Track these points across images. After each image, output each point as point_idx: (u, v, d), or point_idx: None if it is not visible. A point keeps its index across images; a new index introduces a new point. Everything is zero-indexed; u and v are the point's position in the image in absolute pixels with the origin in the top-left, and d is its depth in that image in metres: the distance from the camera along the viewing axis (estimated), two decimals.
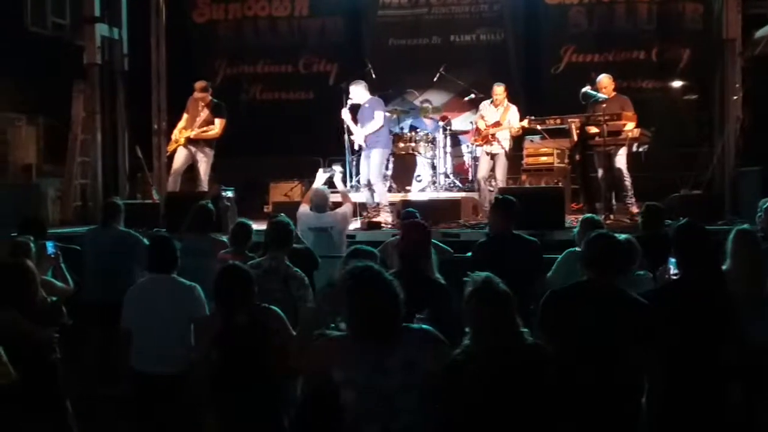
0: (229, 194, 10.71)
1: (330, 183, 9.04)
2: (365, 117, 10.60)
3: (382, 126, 10.63)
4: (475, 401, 3.71)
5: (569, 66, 13.73)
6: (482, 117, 11.42)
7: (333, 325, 4.07)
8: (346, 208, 8.41)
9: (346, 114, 10.72)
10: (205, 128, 10.92)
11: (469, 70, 13.43)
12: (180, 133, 11.01)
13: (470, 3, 14.30)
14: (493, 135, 11.19)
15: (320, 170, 9.22)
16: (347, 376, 3.70)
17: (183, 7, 14.65)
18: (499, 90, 11.33)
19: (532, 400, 3.70)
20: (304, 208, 8.22)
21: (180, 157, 11.08)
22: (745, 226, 5.48)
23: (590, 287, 4.34)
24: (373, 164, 10.63)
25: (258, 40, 14.88)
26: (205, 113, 11.00)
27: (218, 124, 10.94)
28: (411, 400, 3.67)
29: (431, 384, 3.71)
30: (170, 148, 11.27)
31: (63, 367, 5.31)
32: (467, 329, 3.83)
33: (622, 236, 5.65)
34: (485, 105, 11.53)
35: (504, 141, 11.21)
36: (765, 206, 6.55)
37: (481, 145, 11.42)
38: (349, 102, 10.64)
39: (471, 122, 12.22)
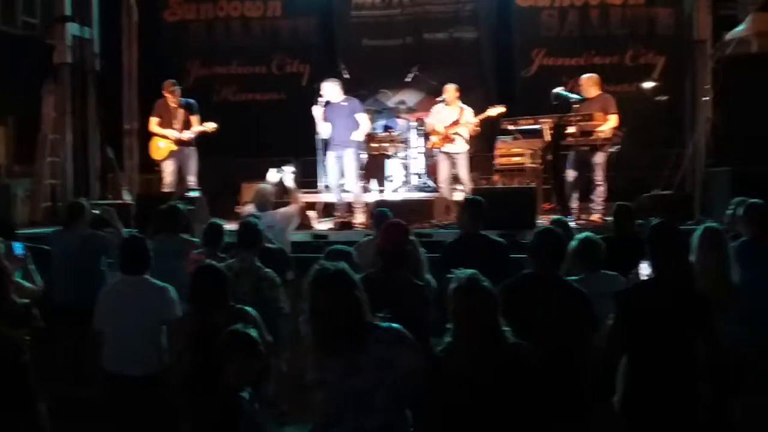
0: (196, 194, 10.68)
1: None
2: (340, 115, 10.51)
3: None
4: (456, 399, 3.71)
5: (541, 69, 13.77)
6: (437, 120, 11.29)
7: None
8: (291, 209, 8.46)
9: (317, 111, 10.65)
10: (203, 128, 11.00)
11: (442, 69, 13.40)
12: (166, 139, 10.99)
13: (443, 3, 14.30)
14: (454, 134, 11.16)
15: (271, 170, 9.27)
16: (319, 376, 3.69)
17: (154, 7, 14.55)
18: (450, 89, 11.26)
19: (514, 398, 3.70)
20: (249, 207, 8.27)
21: (169, 168, 11.13)
22: (713, 224, 5.52)
23: (537, 278, 4.60)
24: (349, 165, 10.58)
25: (230, 40, 14.81)
26: (180, 114, 10.99)
27: (197, 122, 11.03)
28: (384, 399, 3.65)
29: (405, 383, 3.69)
30: (161, 155, 11.17)
31: (35, 369, 5.26)
32: (449, 326, 3.82)
33: (582, 235, 5.73)
34: (438, 108, 11.44)
35: (466, 139, 11.18)
36: (735, 204, 6.59)
37: (440, 147, 11.33)
38: (320, 100, 10.58)
39: (417, 129, 12.26)
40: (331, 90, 10.53)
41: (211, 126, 11.00)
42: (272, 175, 9.10)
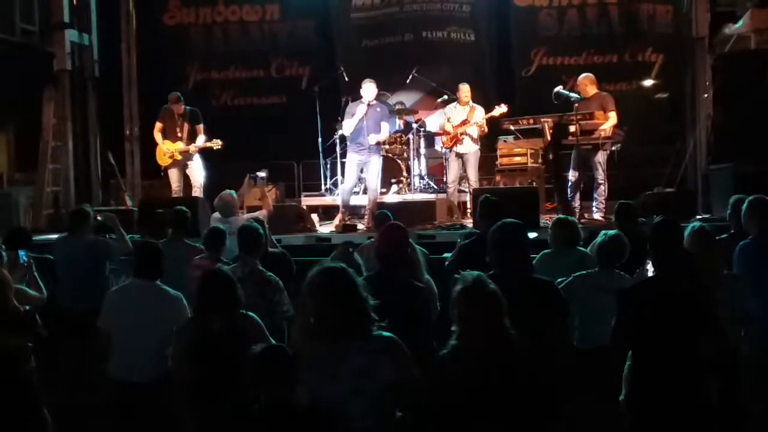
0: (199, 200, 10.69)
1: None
2: (373, 119, 10.45)
3: None
4: (462, 402, 3.69)
5: (540, 68, 13.78)
6: (449, 119, 11.34)
7: None
8: (257, 214, 8.51)
9: (360, 108, 10.41)
10: (210, 144, 11.03)
11: (441, 68, 13.45)
12: (171, 146, 11.05)
13: (441, 1, 14.31)
14: (462, 134, 11.16)
15: (247, 176, 9.32)
16: (302, 377, 3.68)
17: (153, 12, 14.55)
18: (465, 89, 11.25)
19: (520, 401, 3.69)
20: (215, 215, 8.33)
21: (175, 175, 11.21)
22: (698, 223, 5.51)
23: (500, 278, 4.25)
24: (376, 171, 10.61)
25: (229, 45, 14.79)
26: (185, 124, 11.03)
27: (202, 130, 11.09)
28: (360, 408, 3.64)
29: (386, 394, 3.68)
30: (165, 162, 11.23)
31: (40, 377, 5.26)
32: (454, 329, 3.81)
33: (611, 232, 5.71)
34: (451, 107, 11.47)
35: (474, 139, 11.17)
36: (733, 203, 6.56)
37: (451, 147, 11.31)
38: (367, 99, 10.47)
39: (438, 125, 12.23)
40: (370, 90, 10.48)
41: (217, 143, 11.02)
42: (247, 182, 9.18)
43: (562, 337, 4.62)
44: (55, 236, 8.73)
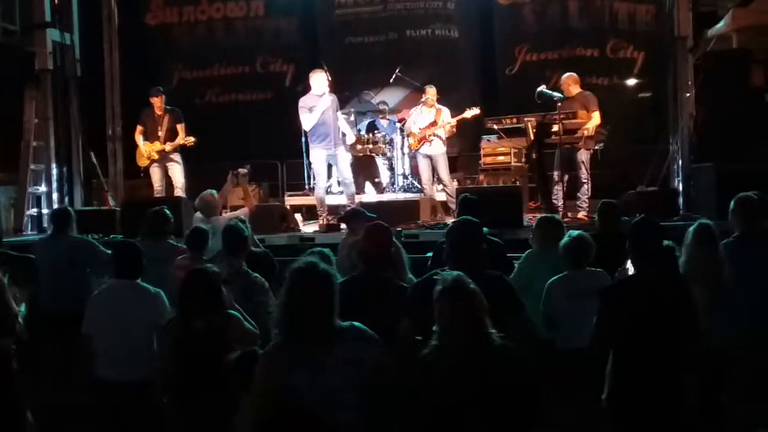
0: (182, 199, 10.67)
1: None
2: (333, 110, 10.30)
3: None
4: (445, 401, 3.69)
5: (524, 65, 13.81)
6: (414, 122, 11.41)
7: None
8: (238, 212, 8.51)
9: (323, 102, 10.18)
10: (182, 141, 11.08)
11: (424, 66, 13.50)
12: (148, 147, 11.10)
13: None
14: (431, 135, 11.19)
15: (230, 173, 9.36)
16: (288, 379, 3.64)
17: (136, 11, 14.50)
18: (431, 91, 11.35)
19: (500, 401, 3.68)
20: (197, 215, 8.34)
21: (156, 175, 11.27)
22: (705, 221, 5.53)
23: None
24: (346, 164, 10.63)
25: (213, 42, 14.79)
26: (165, 123, 11.04)
27: (183, 130, 11.13)
28: (354, 397, 3.62)
29: (372, 380, 3.67)
30: (144, 163, 11.33)
31: (23, 378, 5.23)
32: (435, 328, 3.80)
33: (575, 232, 5.74)
34: (417, 110, 11.54)
35: (442, 140, 11.23)
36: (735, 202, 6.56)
37: (417, 149, 11.39)
38: (323, 91, 10.27)
39: (402, 129, 12.26)
40: (324, 81, 10.33)
41: (189, 140, 11.09)
42: (230, 179, 9.22)
43: (524, 331, 4.57)
44: (36, 236, 8.68)
